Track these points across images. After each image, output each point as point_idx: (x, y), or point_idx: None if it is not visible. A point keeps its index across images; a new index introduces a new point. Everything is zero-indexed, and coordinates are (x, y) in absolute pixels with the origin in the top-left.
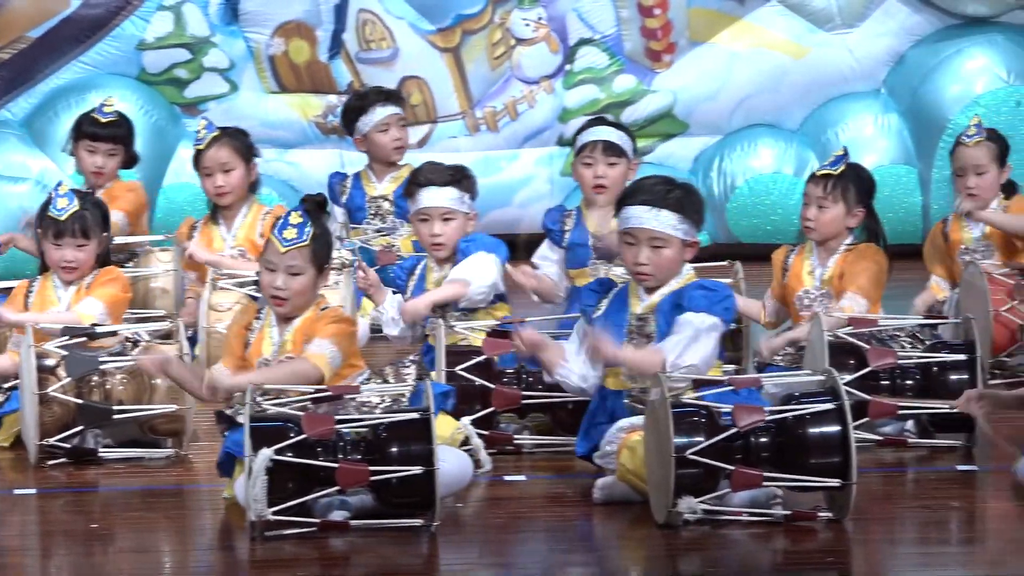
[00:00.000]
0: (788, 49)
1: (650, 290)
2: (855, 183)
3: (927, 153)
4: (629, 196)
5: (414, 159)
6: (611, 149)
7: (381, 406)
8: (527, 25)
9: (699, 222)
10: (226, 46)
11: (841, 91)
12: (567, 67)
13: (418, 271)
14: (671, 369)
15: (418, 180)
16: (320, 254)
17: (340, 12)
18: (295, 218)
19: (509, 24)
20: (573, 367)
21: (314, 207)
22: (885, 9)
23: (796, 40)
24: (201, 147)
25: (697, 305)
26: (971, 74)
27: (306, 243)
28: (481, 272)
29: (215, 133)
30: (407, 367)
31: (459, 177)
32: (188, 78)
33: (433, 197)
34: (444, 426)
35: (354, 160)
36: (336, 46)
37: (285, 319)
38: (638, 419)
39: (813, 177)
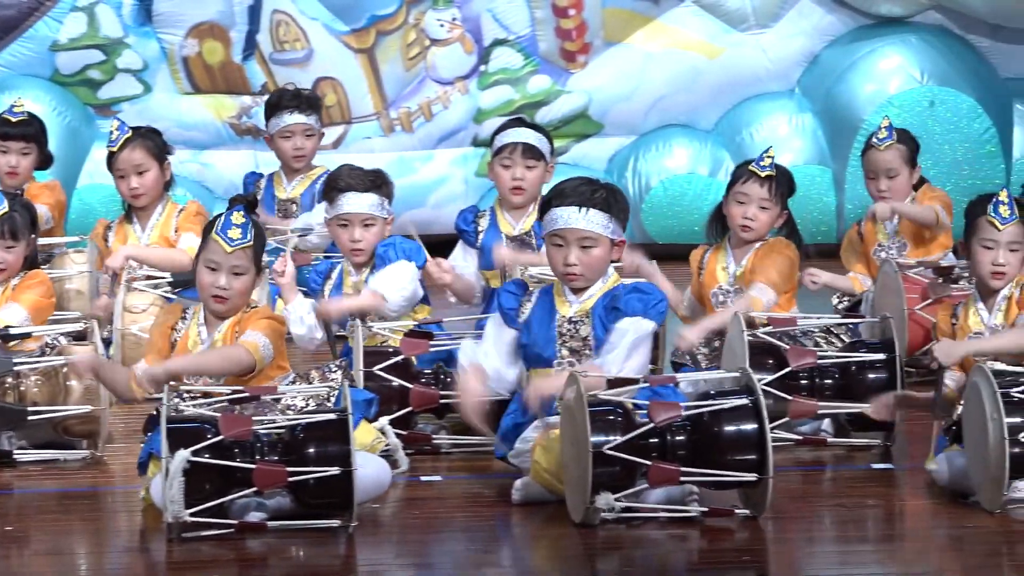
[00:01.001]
0: (702, 49)
1: (577, 291)
2: (786, 184)
3: (841, 153)
4: (555, 198)
5: (329, 160)
6: (530, 151)
7: (306, 409)
8: (441, 26)
9: (625, 221)
10: (140, 47)
11: (755, 91)
12: (482, 68)
13: (334, 275)
14: None
15: (338, 185)
16: (260, 254)
17: (254, 13)
18: (238, 218)
19: (423, 25)
20: (492, 378)
21: (247, 206)
22: (799, 9)
23: (710, 40)
24: (114, 149)
25: (634, 309)
26: (885, 74)
27: (251, 243)
28: (399, 285)
29: (128, 134)
30: (333, 372)
31: (379, 182)
32: (102, 79)
33: (354, 203)
34: (365, 434)
35: (269, 161)
36: (250, 47)
37: (217, 318)
38: (553, 419)
39: (754, 177)
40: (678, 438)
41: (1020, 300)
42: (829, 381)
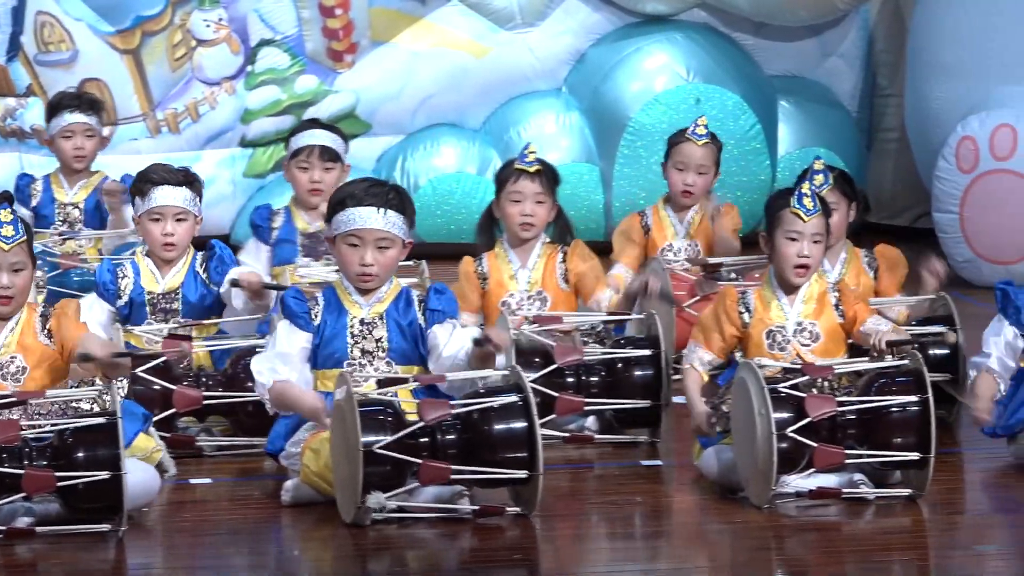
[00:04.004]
0: (470, 48)
1: (365, 292)
2: (553, 177)
3: (609, 151)
4: (348, 199)
5: (95, 162)
6: (327, 153)
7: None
8: (208, 26)
9: (413, 223)
10: None
11: (523, 90)
12: (248, 68)
13: (130, 273)
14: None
15: (151, 178)
16: (32, 247)
17: (17, 14)
18: (6, 215)
19: (189, 25)
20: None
21: (4, 202)
22: (565, 8)
23: (478, 39)
24: None
25: (452, 310)
26: (651, 72)
27: (24, 238)
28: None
29: None
30: (121, 380)
31: (191, 179)
32: None
33: (168, 196)
34: (144, 442)
35: (34, 164)
36: (14, 48)
37: (1, 319)
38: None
39: (524, 174)
40: (448, 436)
41: (850, 314)
42: (595, 378)
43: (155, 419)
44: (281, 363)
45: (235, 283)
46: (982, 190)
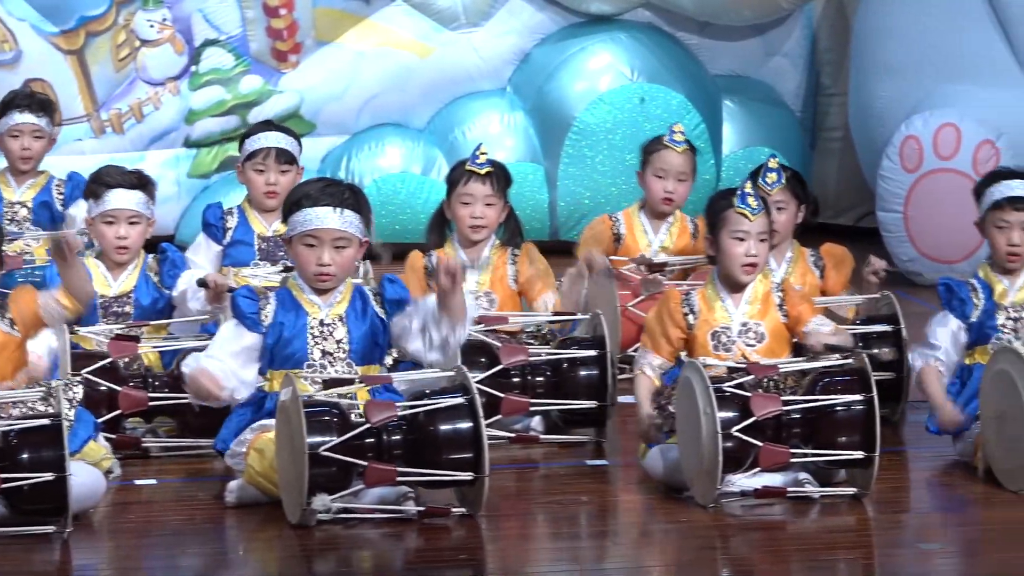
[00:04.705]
0: (414, 48)
1: (321, 292)
2: (504, 178)
3: (553, 151)
4: (304, 200)
5: (42, 162)
6: (283, 156)
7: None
8: (152, 26)
9: (371, 221)
10: None
11: (467, 90)
12: (193, 68)
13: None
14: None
15: (105, 181)
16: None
17: None
18: None
19: (133, 26)
20: (222, 378)
21: None
22: (509, 8)
23: (422, 39)
24: None
25: (406, 295)
26: (595, 72)
27: None
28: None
29: None
30: (76, 386)
31: (144, 182)
32: None
33: (122, 199)
34: (94, 451)
35: None
36: None
37: None
38: (269, 421)
39: (474, 176)
40: (394, 438)
41: (794, 314)
42: (541, 379)
43: (101, 420)
44: (209, 358)
45: (202, 283)
46: (926, 189)
